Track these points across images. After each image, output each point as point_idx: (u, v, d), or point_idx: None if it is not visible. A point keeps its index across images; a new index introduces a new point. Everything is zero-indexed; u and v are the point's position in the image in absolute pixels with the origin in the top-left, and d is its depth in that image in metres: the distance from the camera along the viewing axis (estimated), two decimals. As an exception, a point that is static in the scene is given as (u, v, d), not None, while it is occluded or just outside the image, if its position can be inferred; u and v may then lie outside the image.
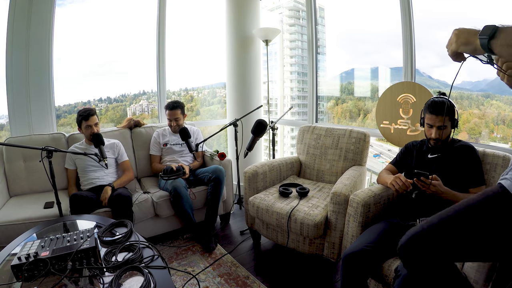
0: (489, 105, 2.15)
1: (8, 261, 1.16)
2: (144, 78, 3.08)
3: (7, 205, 1.96)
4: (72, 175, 2.17)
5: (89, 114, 2.07)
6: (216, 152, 2.46)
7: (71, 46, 2.60)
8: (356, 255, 1.27)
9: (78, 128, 2.14)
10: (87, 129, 2.08)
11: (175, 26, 2.97)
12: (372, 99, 2.84)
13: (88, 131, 2.07)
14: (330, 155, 2.27)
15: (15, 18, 2.20)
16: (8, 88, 2.27)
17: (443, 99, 1.41)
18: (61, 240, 1.15)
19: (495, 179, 1.49)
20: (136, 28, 2.90)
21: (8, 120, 2.35)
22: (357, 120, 3.02)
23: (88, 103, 2.95)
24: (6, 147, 2.09)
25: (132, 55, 2.94)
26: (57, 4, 2.37)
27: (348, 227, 1.60)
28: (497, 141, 2.12)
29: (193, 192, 2.23)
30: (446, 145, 1.48)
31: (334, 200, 1.70)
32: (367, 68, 2.84)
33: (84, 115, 2.07)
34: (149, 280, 0.96)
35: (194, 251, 2.11)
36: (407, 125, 2.03)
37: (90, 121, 2.07)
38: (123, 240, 1.25)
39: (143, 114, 3.24)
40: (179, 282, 1.75)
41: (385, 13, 2.41)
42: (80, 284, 1.04)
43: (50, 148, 1.57)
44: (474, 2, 2.01)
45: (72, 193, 1.89)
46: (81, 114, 2.08)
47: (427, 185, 1.33)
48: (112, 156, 2.23)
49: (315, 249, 1.81)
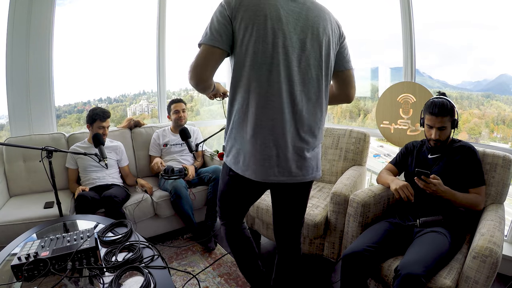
0: (489, 105, 2.15)
1: (8, 261, 1.16)
2: (144, 78, 3.08)
3: (7, 205, 1.96)
4: (73, 175, 2.17)
5: (106, 115, 2.10)
6: (216, 152, 2.46)
7: (71, 46, 2.60)
8: (356, 255, 1.27)
9: (87, 125, 2.13)
10: (98, 129, 2.08)
11: (175, 26, 2.97)
12: (372, 99, 2.84)
13: (99, 131, 2.08)
14: (330, 155, 2.27)
15: (15, 18, 2.20)
16: (8, 88, 2.27)
17: (443, 100, 1.41)
18: (61, 240, 1.15)
19: (495, 179, 1.50)
20: (136, 28, 2.90)
21: (8, 120, 2.34)
22: (357, 120, 3.02)
23: (88, 103, 2.95)
24: (6, 147, 2.09)
25: (132, 55, 2.94)
26: (57, 3, 2.36)
27: (348, 227, 1.60)
28: (497, 141, 2.12)
29: (193, 192, 2.23)
30: (446, 146, 1.48)
31: (334, 200, 1.70)
32: (367, 68, 2.84)
33: (102, 115, 2.08)
34: (149, 280, 0.96)
35: (194, 251, 2.11)
36: (407, 125, 2.03)
37: (105, 123, 2.10)
38: (123, 240, 1.25)
39: (143, 114, 3.24)
40: (179, 282, 1.75)
41: (385, 13, 2.41)
42: (80, 284, 1.04)
43: (50, 148, 1.56)
44: (474, 2, 2.01)
45: (78, 193, 1.89)
46: (98, 113, 2.08)
47: (427, 184, 1.33)
48: (115, 158, 2.24)
49: (315, 249, 1.81)
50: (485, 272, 1.11)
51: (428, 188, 1.34)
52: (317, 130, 1.13)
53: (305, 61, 1.05)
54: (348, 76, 1.20)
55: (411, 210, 1.48)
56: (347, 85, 1.21)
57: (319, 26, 1.05)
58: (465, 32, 2.08)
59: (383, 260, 1.33)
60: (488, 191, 1.51)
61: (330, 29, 1.08)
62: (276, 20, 0.99)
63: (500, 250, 1.13)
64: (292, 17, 1.01)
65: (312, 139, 1.12)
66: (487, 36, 1.98)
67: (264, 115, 1.03)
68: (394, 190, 1.45)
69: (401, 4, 2.09)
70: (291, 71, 1.03)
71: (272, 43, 0.99)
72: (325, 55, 1.07)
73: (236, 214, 1.34)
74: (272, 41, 0.99)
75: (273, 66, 1.01)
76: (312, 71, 1.06)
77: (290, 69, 1.03)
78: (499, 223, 1.29)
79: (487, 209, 1.45)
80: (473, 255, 1.14)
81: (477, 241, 1.18)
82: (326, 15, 1.09)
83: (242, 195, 1.25)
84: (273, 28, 0.99)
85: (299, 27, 1.03)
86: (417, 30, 2.08)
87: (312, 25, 1.04)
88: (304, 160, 1.11)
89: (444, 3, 2.13)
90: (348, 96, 1.24)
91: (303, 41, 1.03)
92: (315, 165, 1.16)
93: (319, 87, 1.09)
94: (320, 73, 1.08)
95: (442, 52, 2.26)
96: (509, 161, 1.47)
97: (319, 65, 1.07)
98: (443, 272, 1.20)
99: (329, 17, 1.09)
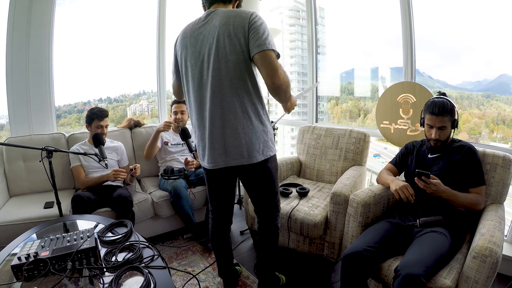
0: (489, 105, 2.15)
1: (8, 261, 1.16)
2: (144, 78, 3.08)
3: (7, 205, 1.96)
4: (82, 171, 2.09)
5: (104, 115, 2.09)
6: (216, 152, 2.45)
7: (71, 46, 2.60)
8: (356, 255, 1.27)
9: (86, 125, 2.13)
10: (97, 129, 2.08)
11: (175, 26, 2.97)
12: (372, 99, 2.84)
13: (98, 131, 2.07)
14: (330, 155, 2.27)
15: (15, 18, 2.20)
16: (8, 88, 2.27)
17: (444, 100, 1.41)
18: (61, 240, 1.15)
19: (495, 179, 1.50)
20: (136, 28, 2.90)
21: (8, 120, 2.35)
22: (357, 120, 3.02)
23: (88, 103, 2.95)
24: (6, 147, 2.09)
25: (132, 55, 2.94)
26: (57, 3, 2.36)
27: (348, 227, 1.60)
28: (497, 141, 2.12)
29: (193, 192, 2.23)
30: (446, 145, 1.48)
31: (334, 200, 1.70)
32: (367, 68, 2.84)
33: (99, 114, 2.07)
34: (149, 280, 0.96)
35: (194, 251, 2.11)
36: (407, 125, 2.03)
37: (103, 122, 2.09)
38: (123, 240, 1.25)
39: (143, 114, 3.24)
40: (179, 282, 1.75)
41: (385, 13, 2.41)
42: (80, 284, 1.04)
43: (50, 148, 1.56)
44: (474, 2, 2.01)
45: (74, 194, 1.88)
46: (95, 113, 2.08)
47: (427, 185, 1.33)
48: (115, 158, 2.24)
49: (315, 249, 1.81)
50: (485, 272, 1.11)
51: (428, 188, 1.34)
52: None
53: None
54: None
55: (411, 210, 1.48)
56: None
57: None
58: (465, 32, 2.08)
59: (383, 260, 1.33)
60: (488, 191, 1.51)
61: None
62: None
63: (500, 250, 1.13)
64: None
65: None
66: (487, 36, 1.98)
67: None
68: (394, 191, 1.45)
69: (401, 4, 2.09)
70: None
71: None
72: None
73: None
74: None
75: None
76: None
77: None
78: (499, 223, 1.29)
79: (487, 209, 1.45)
80: (473, 255, 1.14)
81: (477, 241, 1.17)
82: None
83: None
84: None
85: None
86: (417, 30, 2.08)
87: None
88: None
89: (444, 3, 2.13)
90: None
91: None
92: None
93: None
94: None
95: (442, 52, 2.26)
96: (509, 161, 1.47)
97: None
98: (443, 272, 1.20)
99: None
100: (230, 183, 1.46)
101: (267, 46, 1.15)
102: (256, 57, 1.17)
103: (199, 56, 1.26)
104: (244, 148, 1.27)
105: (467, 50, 2.15)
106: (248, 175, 1.38)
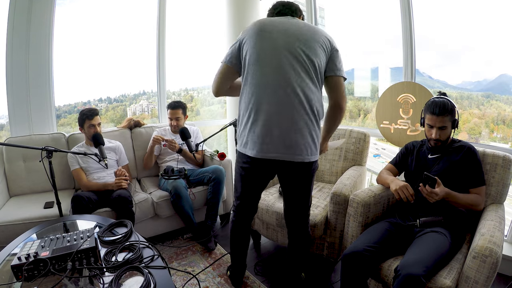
0: (489, 105, 2.15)
1: (8, 261, 1.16)
2: (144, 78, 3.08)
3: (7, 205, 1.96)
4: (83, 174, 2.09)
5: (93, 113, 2.08)
6: (216, 152, 2.46)
7: (71, 46, 2.60)
8: (356, 255, 1.27)
9: (79, 128, 2.13)
10: (90, 129, 2.07)
11: (175, 26, 2.97)
12: (372, 99, 2.84)
13: (91, 130, 2.07)
14: (330, 155, 2.27)
15: (15, 18, 2.20)
16: (8, 88, 2.27)
17: (444, 100, 1.41)
18: (61, 240, 1.15)
19: (495, 179, 1.50)
20: (136, 28, 2.90)
21: (8, 120, 2.35)
22: (357, 120, 3.02)
23: (88, 103, 2.95)
24: (6, 147, 2.09)
25: (132, 55, 2.93)
26: (57, 3, 2.36)
27: (348, 227, 1.60)
28: (497, 141, 2.12)
29: (193, 192, 2.23)
30: (446, 146, 1.47)
31: (334, 200, 1.70)
32: (367, 68, 2.84)
33: (89, 114, 2.07)
34: (149, 280, 0.96)
35: (194, 251, 2.11)
36: (407, 125, 2.03)
37: (94, 120, 2.08)
38: (123, 240, 1.25)
39: (143, 114, 3.24)
40: (179, 282, 1.75)
41: (385, 13, 2.41)
42: (80, 284, 1.04)
43: (50, 148, 1.56)
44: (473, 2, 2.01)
45: (74, 194, 1.88)
46: (85, 113, 2.08)
47: (430, 194, 1.31)
48: (114, 157, 2.23)
49: (315, 249, 1.81)
50: (485, 272, 1.11)
51: (431, 198, 1.33)
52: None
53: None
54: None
55: (411, 210, 1.48)
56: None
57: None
58: (465, 32, 2.08)
59: (383, 260, 1.33)
60: (488, 191, 1.51)
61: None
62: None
63: (500, 250, 1.13)
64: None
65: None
66: (487, 36, 1.98)
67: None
68: (394, 191, 1.45)
69: (401, 4, 2.09)
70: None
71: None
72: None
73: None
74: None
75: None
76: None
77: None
78: (499, 223, 1.29)
79: (487, 209, 1.45)
80: (473, 255, 1.14)
81: (477, 241, 1.17)
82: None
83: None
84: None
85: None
86: (417, 30, 2.08)
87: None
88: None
89: (444, 3, 2.13)
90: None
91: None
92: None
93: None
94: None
95: (442, 52, 2.26)
96: (509, 161, 1.47)
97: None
98: (443, 272, 1.20)
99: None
100: (269, 177, 1.48)
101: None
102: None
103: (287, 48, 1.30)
104: (305, 145, 1.30)
105: (467, 50, 2.15)
106: (296, 172, 1.38)
